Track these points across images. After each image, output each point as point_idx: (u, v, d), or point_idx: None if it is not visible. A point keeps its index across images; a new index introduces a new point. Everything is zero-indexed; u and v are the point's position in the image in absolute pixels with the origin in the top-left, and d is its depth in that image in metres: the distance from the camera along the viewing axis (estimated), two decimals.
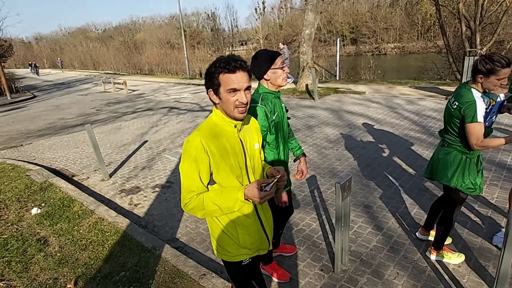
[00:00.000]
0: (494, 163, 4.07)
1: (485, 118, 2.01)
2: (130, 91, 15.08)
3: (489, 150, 4.46)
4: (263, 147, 1.84)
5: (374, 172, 4.11)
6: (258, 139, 1.48)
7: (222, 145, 1.28)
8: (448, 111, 2.13)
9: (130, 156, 5.59)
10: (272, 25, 62.45)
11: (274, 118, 1.87)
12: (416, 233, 2.76)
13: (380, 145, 5.07)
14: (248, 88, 1.27)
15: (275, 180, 1.27)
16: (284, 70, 1.86)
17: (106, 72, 32.89)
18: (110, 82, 16.09)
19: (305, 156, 2.30)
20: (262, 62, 1.85)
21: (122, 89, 15.38)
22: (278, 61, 1.84)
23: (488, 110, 2.02)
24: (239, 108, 1.26)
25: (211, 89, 1.29)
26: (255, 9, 62.92)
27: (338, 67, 15.06)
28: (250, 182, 1.37)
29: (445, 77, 15.40)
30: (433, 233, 2.67)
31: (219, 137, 1.29)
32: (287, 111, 2.07)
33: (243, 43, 52.08)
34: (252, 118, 1.52)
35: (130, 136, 6.88)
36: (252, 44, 53.28)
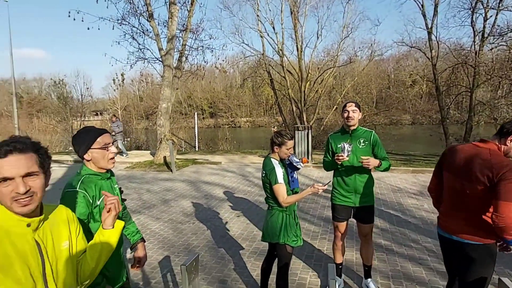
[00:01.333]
0: (322, 218, 4.86)
1: (289, 179, 2.52)
2: None
3: (318, 208, 5.33)
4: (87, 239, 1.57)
5: (228, 242, 4.17)
6: (70, 235, 1.22)
7: (4, 257, 0.99)
8: (262, 180, 2.54)
9: None
10: (132, 97, 61.45)
11: (98, 203, 1.64)
12: None
13: (234, 214, 5.29)
14: (32, 174, 1.04)
15: None
16: (108, 150, 1.70)
17: None
18: None
19: (144, 241, 2.08)
20: (81, 140, 1.66)
21: None
22: (101, 140, 1.66)
23: (289, 173, 2.54)
24: (20, 201, 1.01)
25: None
26: (113, 80, 61.03)
27: (196, 138, 15.77)
28: None
29: None
30: None
31: (0, 244, 1.00)
32: (121, 192, 1.89)
33: (98, 113, 48.51)
34: (61, 207, 1.26)
35: None
36: (109, 114, 50.18)
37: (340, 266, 3.04)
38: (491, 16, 17.36)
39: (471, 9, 17.91)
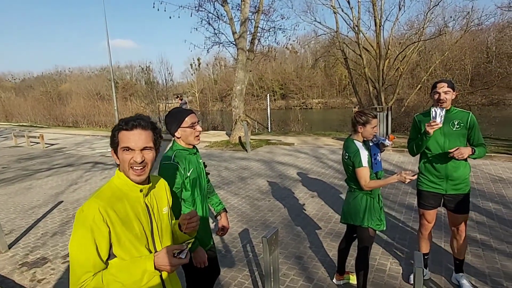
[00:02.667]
0: (404, 206, 4.55)
1: (372, 162, 2.39)
2: (48, 145, 13.64)
3: (399, 194, 5.00)
4: (175, 207, 1.79)
5: (304, 221, 4.23)
6: (168, 202, 1.41)
7: (124, 213, 1.17)
8: (344, 162, 2.47)
9: (38, 220, 4.84)
10: (208, 80, 65.06)
11: (189, 174, 1.85)
12: (333, 280, 2.84)
13: (309, 194, 5.31)
14: (148, 148, 1.19)
15: (190, 245, 1.20)
16: (195, 129, 1.88)
17: (21, 124, 29.53)
18: (24, 136, 14.41)
19: (226, 211, 2.27)
20: (172, 120, 1.88)
21: (38, 143, 13.83)
22: (189, 120, 1.85)
23: (373, 155, 2.40)
24: (135, 169, 1.17)
25: (112, 149, 1.21)
26: (191, 64, 65.26)
27: (269, 120, 16.02)
28: (157, 251, 1.25)
29: None
30: (347, 276, 2.84)
31: (121, 204, 1.17)
32: (205, 166, 2.08)
33: (179, 96, 52.76)
34: (161, 179, 1.45)
35: (41, 197, 6.04)
36: (188, 97, 54.21)
37: (426, 257, 2.84)
38: None
39: None
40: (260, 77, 55.88)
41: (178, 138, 1.90)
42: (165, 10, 11.56)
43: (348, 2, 18.67)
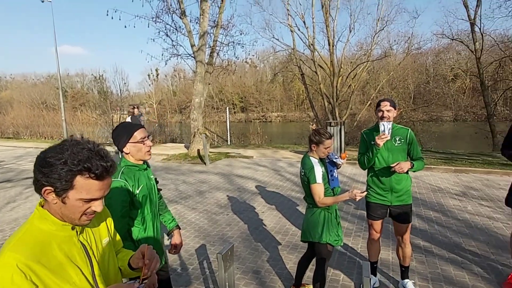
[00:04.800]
0: (356, 216, 4.78)
1: (328, 178, 2.48)
2: None
3: (353, 204, 5.24)
4: (122, 227, 1.69)
5: (262, 234, 4.24)
6: (109, 230, 1.20)
7: (55, 261, 0.93)
8: (301, 178, 2.53)
9: None
10: (166, 91, 63.55)
11: (138, 192, 1.77)
12: None
13: (267, 207, 5.35)
14: None
15: (144, 280, 1.07)
16: (145, 144, 1.82)
17: None
18: None
19: (179, 228, 2.19)
20: (120, 135, 1.79)
21: None
22: (138, 135, 1.78)
23: (329, 172, 2.51)
24: (88, 215, 0.99)
25: (49, 188, 0.92)
26: (148, 75, 63.36)
27: (228, 133, 16.03)
28: None
29: None
30: None
31: (49, 250, 0.93)
32: (157, 182, 2.01)
33: (134, 106, 50.74)
34: None
35: None
36: (145, 108, 52.37)
37: (375, 265, 2.99)
38: None
39: None
40: (220, 90, 55.99)
41: (126, 153, 1.82)
42: (120, 19, 11.21)
43: (304, 22, 19.64)
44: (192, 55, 11.37)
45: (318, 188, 2.36)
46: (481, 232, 4.07)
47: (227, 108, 18.34)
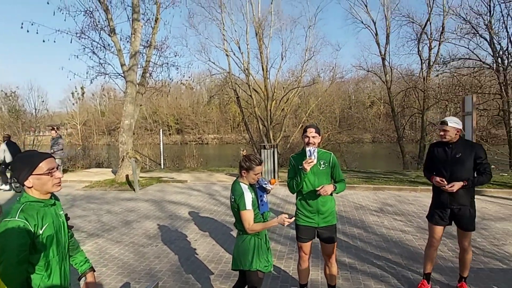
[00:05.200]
0: (288, 238, 4.89)
1: (259, 203, 2.51)
2: None
3: (284, 227, 5.36)
4: (19, 276, 1.45)
5: (194, 265, 4.03)
6: None
7: None
8: (231, 204, 2.51)
9: None
10: (93, 111, 58.73)
11: (41, 232, 1.53)
12: None
13: (200, 234, 5.15)
14: None
15: None
16: (53, 176, 1.61)
17: None
18: None
19: (94, 270, 1.94)
20: (21, 166, 1.56)
21: None
22: (45, 166, 1.56)
23: (259, 197, 2.54)
24: None
25: None
26: (72, 93, 58.06)
27: (162, 156, 15.34)
28: None
29: None
30: None
31: None
32: (68, 219, 1.77)
33: (53, 128, 45.71)
34: None
35: None
36: (67, 129, 47.46)
37: (305, 287, 3.06)
38: (435, 46, 19.28)
39: (417, 40, 19.81)
40: (154, 111, 53.94)
41: (29, 187, 1.58)
42: (37, 33, 10.11)
43: (239, 48, 20.38)
44: (122, 74, 10.79)
45: (248, 215, 2.35)
46: (396, 245, 4.50)
47: (161, 130, 17.64)
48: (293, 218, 2.31)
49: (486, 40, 15.35)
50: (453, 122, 2.93)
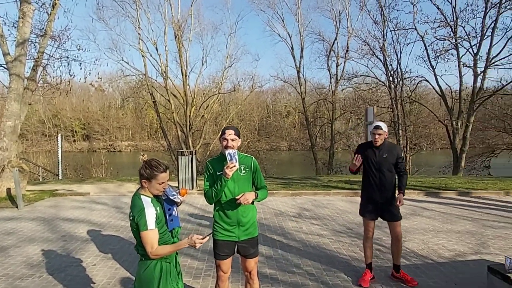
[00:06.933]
0: (206, 252, 4.48)
1: (167, 219, 2.09)
2: None
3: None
4: None
5: None
6: None
7: None
8: (130, 223, 2.01)
9: None
10: None
11: None
12: None
13: (100, 257, 4.33)
14: None
15: None
16: None
17: None
18: None
19: None
20: None
21: None
22: None
23: (167, 211, 2.10)
24: None
25: None
26: None
27: (60, 165, 13.17)
28: None
29: (170, 173, 17.35)
30: None
31: None
32: None
33: None
34: None
35: None
36: None
37: None
38: (341, 63, 21.60)
39: (327, 56, 21.93)
40: (55, 114, 47.07)
41: None
42: None
43: (156, 49, 19.22)
44: (5, 65, 8.87)
45: (150, 236, 1.89)
46: (314, 250, 4.52)
47: (61, 135, 15.21)
48: (207, 238, 1.93)
49: (381, 60, 17.78)
50: (384, 127, 3.29)
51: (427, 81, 17.64)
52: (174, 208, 2.25)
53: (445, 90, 16.80)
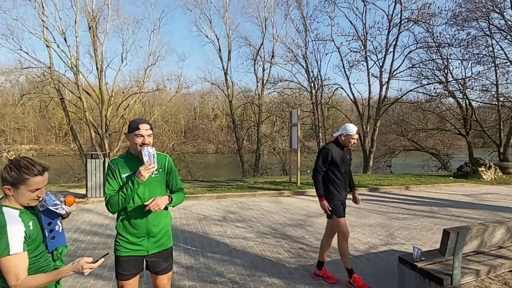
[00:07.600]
0: (112, 269, 3.87)
1: (46, 236, 1.63)
2: None
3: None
4: None
5: None
6: None
7: None
8: None
9: None
10: None
11: None
12: None
13: None
14: None
15: None
16: None
17: None
18: None
19: None
20: None
21: None
22: None
23: (46, 227, 1.65)
24: None
25: None
26: None
27: None
28: None
29: (81, 179, 15.37)
30: None
31: None
32: None
33: None
34: None
35: None
36: None
37: None
38: (267, 68, 22.31)
39: (253, 60, 22.42)
40: None
41: None
42: None
43: (65, 40, 16.97)
44: None
45: (14, 263, 1.39)
46: (238, 254, 4.31)
47: None
48: (100, 261, 1.52)
49: (303, 67, 18.84)
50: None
51: (342, 88, 19.62)
52: (58, 222, 1.74)
53: (357, 97, 18.75)
